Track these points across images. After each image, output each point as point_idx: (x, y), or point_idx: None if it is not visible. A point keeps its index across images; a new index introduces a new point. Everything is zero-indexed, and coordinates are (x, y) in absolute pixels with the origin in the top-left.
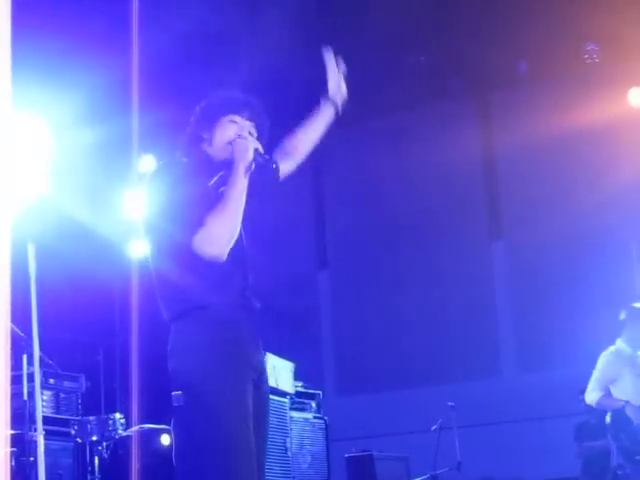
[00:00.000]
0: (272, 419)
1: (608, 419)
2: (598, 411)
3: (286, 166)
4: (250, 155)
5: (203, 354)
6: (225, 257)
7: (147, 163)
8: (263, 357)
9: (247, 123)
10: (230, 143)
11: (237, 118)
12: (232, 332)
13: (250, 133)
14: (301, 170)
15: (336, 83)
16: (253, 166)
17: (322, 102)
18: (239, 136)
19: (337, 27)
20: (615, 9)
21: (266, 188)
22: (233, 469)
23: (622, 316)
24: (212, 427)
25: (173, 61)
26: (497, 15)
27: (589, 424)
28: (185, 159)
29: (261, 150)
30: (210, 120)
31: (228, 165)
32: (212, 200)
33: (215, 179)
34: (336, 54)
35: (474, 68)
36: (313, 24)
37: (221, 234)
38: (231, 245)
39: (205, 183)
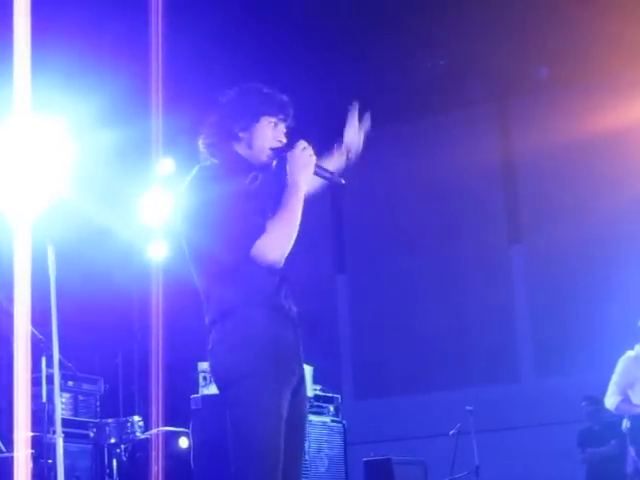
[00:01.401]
0: None
1: (627, 424)
2: (602, 418)
3: None
4: (312, 169)
5: (243, 353)
6: (281, 264)
7: (166, 166)
8: (302, 362)
9: (283, 125)
10: (272, 149)
11: (275, 119)
12: (273, 334)
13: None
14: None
15: (354, 136)
16: (313, 179)
17: (335, 149)
18: (280, 148)
19: (356, 30)
20: (634, 15)
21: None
22: (258, 471)
23: None
24: (244, 427)
25: (194, 64)
26: (517, 20)
27: (593, 430)
28: (216, 161)
29: (321, 163)
30: (248, 119)
31: (266, 168)
32: (261, 204)
33: (250, 178)
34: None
35: (494, 73)
36: (333, 27)
37: (282, 241)
38: (287, 253)
39: (247, 186)
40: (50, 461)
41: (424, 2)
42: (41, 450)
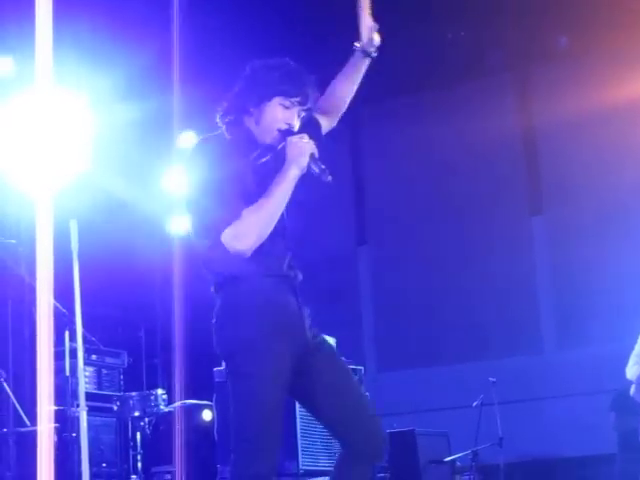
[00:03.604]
0: None
1: None
2: None
3: (327, 123)
4: (305, 161)
5: (242, 323)
6: (249, 254)
7: (187, 139)
8: (309, 325)
9: (297, 108)
10: (279, 131)
11: (288, 102)
12: (273, 303)
13: (298, 115)
14: (341, 145)
15: (368, 31)
16: (304, 171)
17: (355, 52)
18: (288, 131)
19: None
20: None
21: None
22: (258, 437)
23: None
24: (244, 397)
25: (214, 36)
26: None
27: (629, 396)
28: (228, 136)
29: (316, 155)
30: (261, 96)
31: (270, 150)
32: (250, 188)
33: (254, 157)
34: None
35: (514, 42)
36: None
37: (253, 230)
38: (258, 243)
39: (246, 167)
40: (74, 434)
41: None
42: (65, 424)
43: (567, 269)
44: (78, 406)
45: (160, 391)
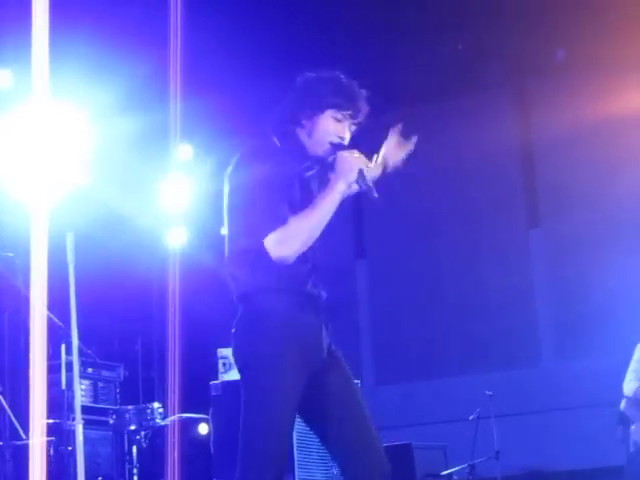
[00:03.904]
0: None
1: None
2: None
3: None
4: (354, 176)
5: (259, 337)
6: (291, 261)
7: (185, 152)
8: (327, 345)
9: (348, 121)
10: (331, 144)
11: (340, 115)
12: (290, 319)
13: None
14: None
15: (394, 150)
16: (353, 187)
17: (373, 159)
18: (340, 145)
19: (374, 14)
20: None
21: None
22: (266, 450)
23: None
24: (255, 410)
25: (212, 50)
26: (536, 1)
27: None
28: (279, 143)
29: (366, 173)
30: (313, 108)
31: (320, 162)
32: (296, 198)
33: (303, 167)
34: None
35: (512, 55)
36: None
37: (297, 240)
38: (300, 252)
39: (293, 176)
40: (70, 448)
41: None
42: (61, 437)
43: (565, 282)
44: (74, 419)
45: (156, 404)
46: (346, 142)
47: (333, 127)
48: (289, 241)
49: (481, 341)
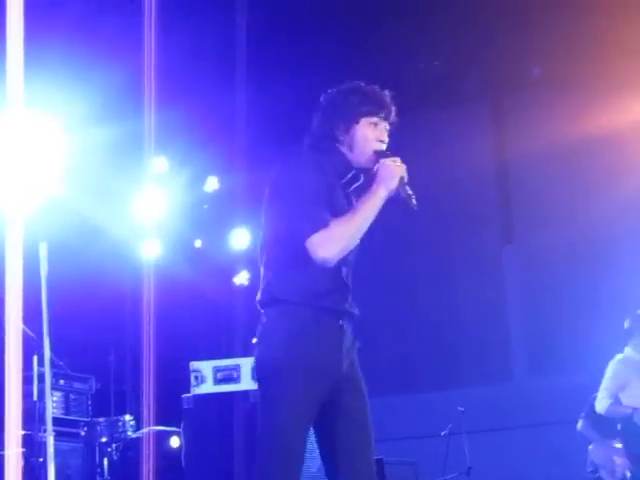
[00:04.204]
0: None
1: (618, 427)
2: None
3: None
4: (395, 183)
5: (278, 349)
6: (332, 264)
7: (160, 164)
8: (349, 363)
9: (384, 124)
10: (375, 152)
11: (375, 119)
12: (310, 333)
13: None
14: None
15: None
16: (392, 193)
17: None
18: (383, 152)
19: (350, 29)
20: (629, 14)
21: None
22: (274, 466)
23: (627, 324)
24: (267, 420)
25: (187, 61)
26: (511, 20)
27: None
28: (320, 157)
29: (406, 179)
30: (347, 121)
31: (365, 172)
32: (340, 204)
33: (348, 178)
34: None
35: (488, 72)
36: (327, 26)
37: (340, 242)
38: (342, 255)
39: (335, 183)
40: (41, 460)
41: (419, 2)
42: (32, 449)
43: (537, 298)
44: (45, 431)
45: (128, 417)
46: (385, 145)
47: (372, 133)
48: (331, 243)
49: (454, 357)
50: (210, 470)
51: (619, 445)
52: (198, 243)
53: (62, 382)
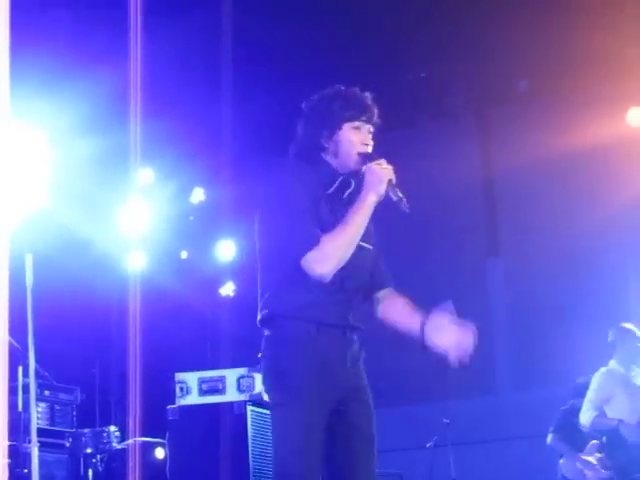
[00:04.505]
0: (267, 434)
1: (603, 439)
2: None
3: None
4: (383, 187)
5: (278, 364)
6: (329, 279)
7: (145, 176)
8: (356, 380)
9: (367, 127)
10: (360, 155)
11: (358, 123)
12: (307, 350)
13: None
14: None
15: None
16: (382, 198)
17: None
18: (368, 155)
19: (336, 42)
20: (614, 28)
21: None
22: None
23: (610, 337)
24: (277, 430)
25: (173, 73)
26: (498, 32)
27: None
28: (307, 167)
29: (394, 181)
30: (330, 128)
31: (354, 175)
32: (324, 217)
33: (333, 188)
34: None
35: (474, 85)
36: (313, 39)
37: (333, 256)
38: (338, 267)
39: (320, 195)
40: (26, 471)
41: (405, 15)
42: (17, 459)
43: (522, 311)
44: (30, 442)
45: (113, 428)
46: (371, 148)
47: (356, 137)
48: (326, 259)
49: (438, 369)
50: None
51: (590, 458)
52: (184, 254)
53: (47, 393)
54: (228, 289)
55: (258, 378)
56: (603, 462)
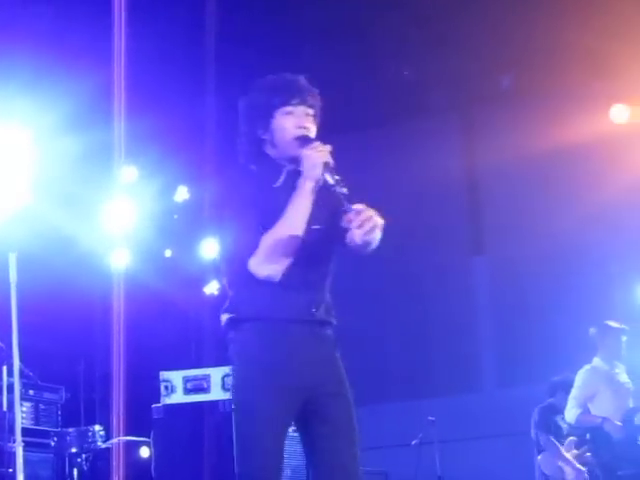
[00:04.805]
0: None
1: (588, 436)
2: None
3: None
4: (319, 172)
5: (238, 364)
6: (279, 277)
7: (130, 174)
8: (329, 375)
9: (301, 108)
10: (297, 139)
11: (290, 107)
12: (278, 348)
13: (308, 115)
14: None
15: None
16: (321, 182)
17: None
18: (305, 137)
19: (320, 38)
20: (598, 25)
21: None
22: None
23: (592, 332)
24: (236, 438)
25: (157, 71)
26: (481, 29)
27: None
28: (253, 166)
29: (331, 163)
30: (264, 118)
31: (297, 161)
32: (272, 214)
33: (281, 180)
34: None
35: (458, 82)
36: (296, 35)
37: (274, 255)
38: (287, 264)
39: (263, 192)
40: (10, 470)
41: (389, 12)
42: (1, 459)
43: (507, 309)
44: (15, 441)
45: (97, 427)
46: (311, 131)
47: (289, 123)
48: (267, 260)
49: (424, 366)
50: None
51: (568, 455)
52: (168, 253)
53: (32, 392)
54: (212, 288)
55: None
56: (581, 458)
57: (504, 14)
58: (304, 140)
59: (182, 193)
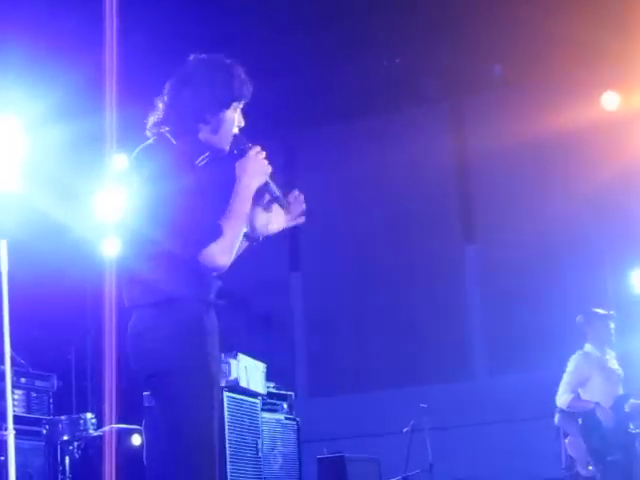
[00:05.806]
0: (244, 420)
1: (579, 421)
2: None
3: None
4: (265, 178)
5: (185, 344)
6: (226, 269)
7: (120, 162)
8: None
9: (239, 108)
10: (235, 136)
11: (241, 104)
12: (211, 329)
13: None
14: (275, 171)
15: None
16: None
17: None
18: (241, 138)
19: (311, 27)
20: (588, 13)
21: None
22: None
23: (579, 319)
24: (181, 414)
25: (147, 58)
26: (472, 18)
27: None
28: (174, 140)
29: (273, 178)
30: (223, 104)
31: (221, 155)
32: (213, 201)
33: (201, 159)
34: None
35: (448, 71)
36: (286, 23)
37: (232, 247)
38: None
39: (202, 175)
40: (2, 458)
41: (379, 1)
42: None
43: (498, 297)
44: (6, 429)
45: (89, 415)
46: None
47: (236, 118)
48: (229, 250)
49: (416, 354)
50: None
51: None
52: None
53: (23, 380)
54: None
55: (233, 364)
56: None
57: (495, 3)
58: (239, 140)
59: None
